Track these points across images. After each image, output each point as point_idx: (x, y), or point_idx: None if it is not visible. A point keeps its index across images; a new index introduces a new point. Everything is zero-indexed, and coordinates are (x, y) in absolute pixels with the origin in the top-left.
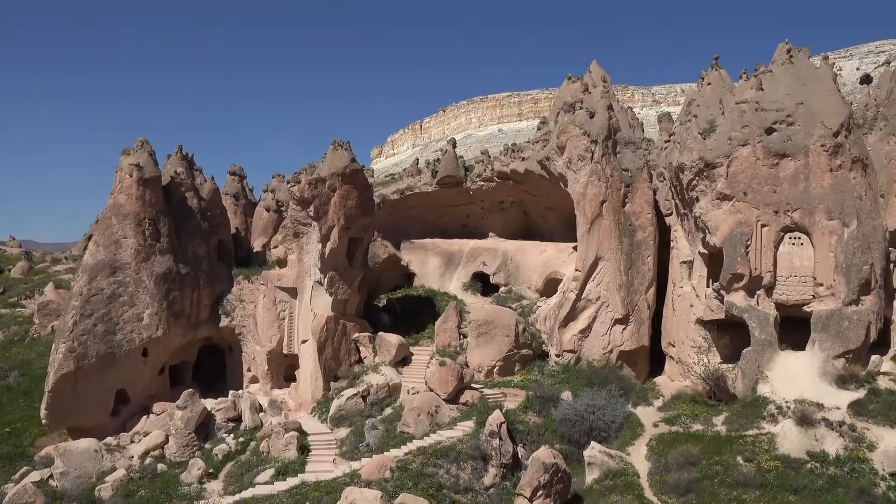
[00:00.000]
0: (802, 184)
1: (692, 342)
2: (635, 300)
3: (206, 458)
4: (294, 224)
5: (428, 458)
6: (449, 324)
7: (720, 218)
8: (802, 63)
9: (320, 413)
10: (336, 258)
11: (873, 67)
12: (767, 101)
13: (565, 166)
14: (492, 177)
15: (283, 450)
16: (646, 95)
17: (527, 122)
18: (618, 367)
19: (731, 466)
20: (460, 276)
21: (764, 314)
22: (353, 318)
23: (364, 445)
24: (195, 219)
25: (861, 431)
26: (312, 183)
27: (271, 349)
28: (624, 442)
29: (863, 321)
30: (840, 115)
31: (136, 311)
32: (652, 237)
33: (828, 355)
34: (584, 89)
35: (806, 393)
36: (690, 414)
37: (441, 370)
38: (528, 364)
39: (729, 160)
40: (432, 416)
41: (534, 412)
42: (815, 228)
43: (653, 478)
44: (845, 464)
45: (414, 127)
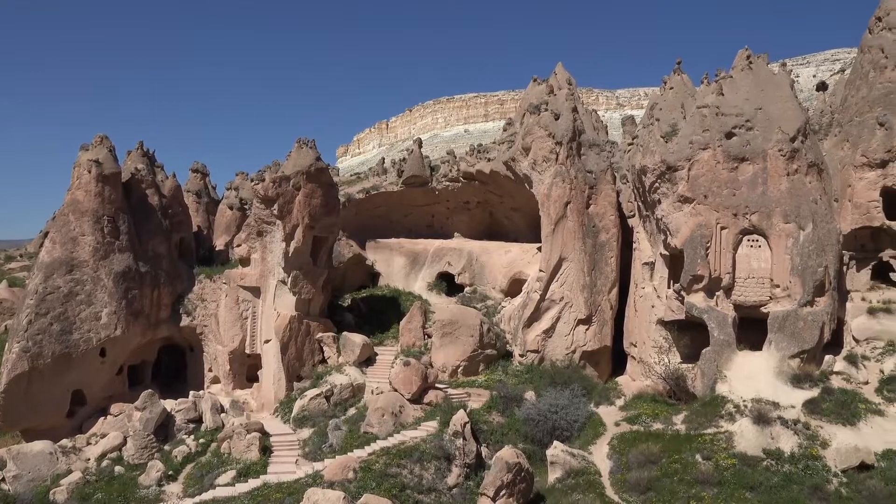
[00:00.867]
0: (760, 187)
1: (653, 342)
2: (598, 301)
3: (165, 459)
4: (258, 222)
5: (391, 458)
6: (413, 324)
7: (681, 220)
8: (761, 69)
9: (283, 414)
10: (300, 257)
11: (829, 75)
12: (727, 106)
13: (530, 167)
14: (457, 177)
15: (244, 451)
16: (610, 98)
17: (493, 123)
18: (581, 366)
19: (689, 465)
20: (425, 275)
21: (723, 315)
22: (316, 317)
23: (327, 446)
24: (156, 216)
25: (815, 429)
26: (277, 181)
27: (233, 349)
28: (586, 441)
29: (817, 322)
30: (797, 121)
31: (94, 310)
32: (615, 238)
33: (784, 355)
34: (549, 91)
35: (763, 392)
36: (651, 413)
37: (405, 370)
38: (493, 364)
39: (690, 163)
40: (396, 417)
41: (497, 412)
42: (773, 231)
43: (614, 476)
44: (800, 461)
45: (380, 126)
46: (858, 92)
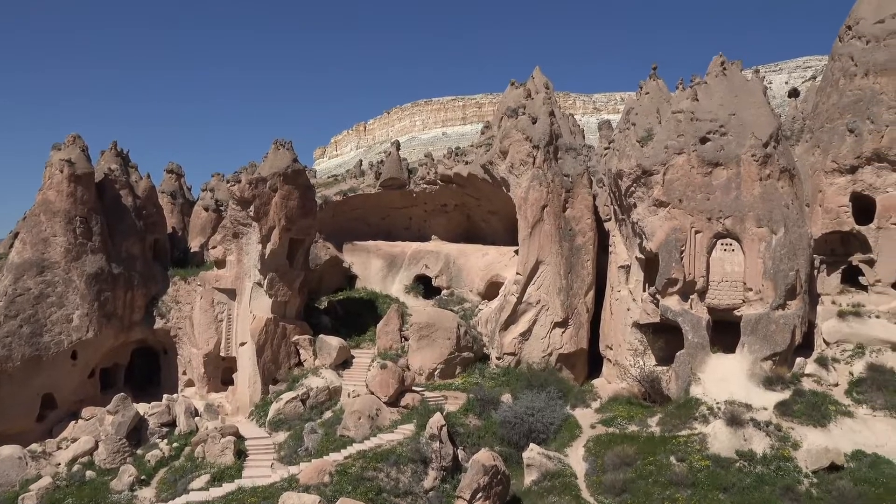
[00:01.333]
0: (734, 192)
1: (629, 345)
2: (574, 304)
3: (137, 464)
4: (233, 224)
5: (368, 461)
6: (391, 326)
7: (656, 224)
8: (735, 76)
9: (258, 417)
10: (276, 259)
11: (801, 82)
12: (702, 112)
13: (508, 171)
14: (435, 180)
15: (219, 455)
16: (587, 103)
17: (471, 126)
18: (557, 369)
19: (664, 466)
20: (403, 278)
21: (697, 318)
22: (293, 320)
23: (303, 450)
24: (129, 217)
25: (786, 431)
26: (253, 182)
27: (208, 352)
28: (562, 443)
29: (789, 325)
30: (769, 127)
31: (66, 312)
32: (591, 242)
33: (756, 357)
34: (526, 95)
35: (736, 394)
36: (626, 415)
37: (382, 373)
38: (470, 367)
39: (665, 168)
40: (373, 420)
41: (474, 415)
42: (746, 235)
43: (590, 478)
44: (771, 462)
45: (358, 128)
46: (829, 99)
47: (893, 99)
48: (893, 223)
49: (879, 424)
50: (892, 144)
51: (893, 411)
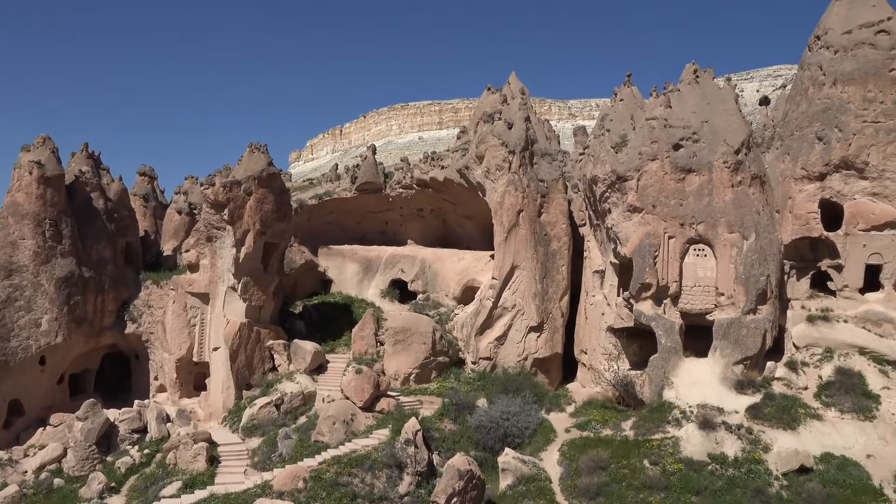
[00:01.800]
0: (706, 198)
1: (603, 349)
2: (550, 308)
3: (107, 471)
4: (207, 227)
5: (342, 467)
6: (366, 331)
7: (630, 229)
8: (707, 83)
9: (232, 423)
10: (251, 263)
11: (771, 90)
12: (675, 119)
13: (483, 175)
14: (411, 184)
15: (191, 461)
16: (562, 109)
17: (447, 131)
18: (532, 373)
19: (638, 470)
20: (378, 282)
21: (670, 322)
22: (267, 324)
23: (277, 455)
24: (100, 220)
25: (757, 434)
26: (227, 186)
27: (181, 357)
28: (537, 448)
29: (760, 329)
30: (741, 134)
31: (34, 317)
32: (566, 247)
33: (728, 361)
34: (503, 100)
35: (708, 398)
36: (601, 419)
37: (357, 378)
38: (445, 371)
39: (639, 174)
40: (348, 425)
41: (450, 419)
42: (718, 241)
43: (564, 482)
44: (743, 465)
45: (334, 132)
46: (798, 107)
47: (861, 108)
48: (861, 229)
49: (847, 427)
50: (860, 152)
51: (860, 414)
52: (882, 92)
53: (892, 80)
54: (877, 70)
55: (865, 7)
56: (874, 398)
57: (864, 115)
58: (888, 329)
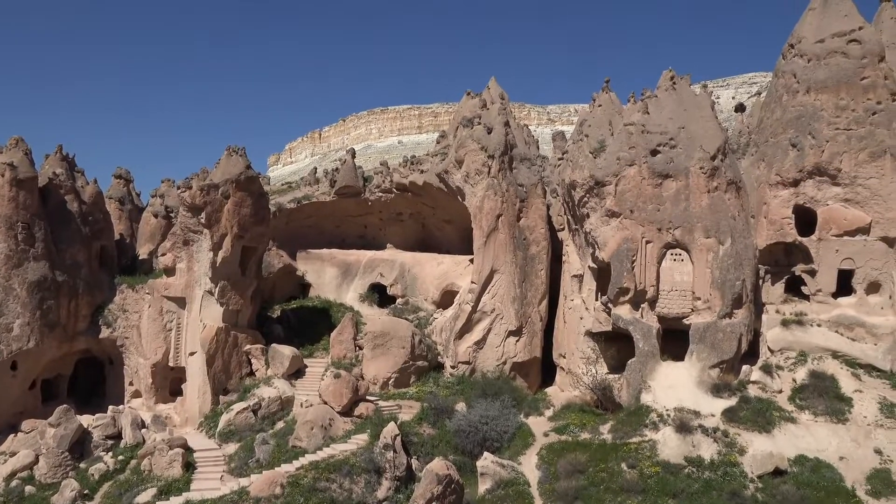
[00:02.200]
0: (683, 203)
1: (581, 353)
2: (528, 312)
3: (80, 478)
4: (184, 231)
5: (320, 472)
6: (345, 335)
7: (608, 234)
8: (684, 90)
9: (208, 428)
10: (228, 267)
11: (747, 97)
12: (652, 125)
13: (463, 180)
14: (391, 188)
15: (166, 467)
16: (541, 114)
17: (426, 135)
18: (511, 378)
19: (615, 473)
20: (357, 287)
21: (647, 326)
22: (244, 329)
23: (254, 461)
24: (75, 223)
25: (733, 437)
26: (205, 189)
27: (156, 361)
28: (516, 452)
29: (735, 333)
30: (717, 140)
31: (6, 321)
32: (545, 251)
33: (704, 365)
34: (482, 105)
35: (684, 401)
36: (579, 423)
37: (336, 382)
38: (424, 375)
39: (617, 179)
40: (326, 430)
41: (428, 424)
42: (694, 246)
43: (542, 486)
44: (719, 468)
45: (313, 135)
46: (773, 114)
47: (833, 115)
48: (833, 235)
49: (821, 430)
50: (832, 159)
51: (833, 417)
52: (854, 100)
53: (863, 89)
54: (849, 78)
55: (837, 16)
56: (847, 401)
57: (836, 122)
58: (860, 333)
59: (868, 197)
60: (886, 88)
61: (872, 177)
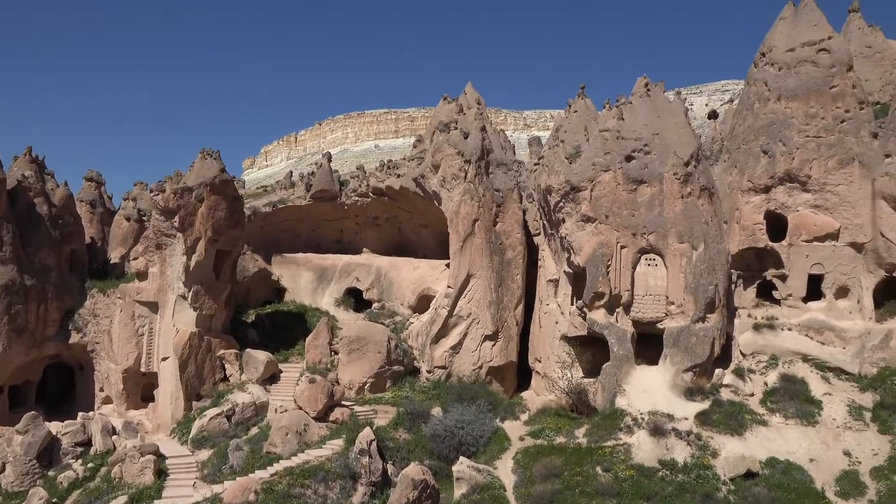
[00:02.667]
0: (657, 209)
1: (557, 357)
2: (504, 317)
3: (49, 486)
4: (157, 235)
5: (295, 478)
6: (320, 340)
7: (584, 239)
8: (658, 97)
9: (181, 435)
10: (202, 271)
11: (720, 104)
12: (627, 131)
13: (440, 184)
14: (367, 192)
15: (137, 475)
16: (518, 119)
17: (403, 140)
18: (487, 382)
19: (590, 477)
20: (333, 291)
21: (622, 331)
22: (218, 334)
23: (227, 467)
24: (44, 226)
25: (706, 440)
26: (178, 192)
27: (128, 367)
28: (491, 456)
29: (708, 337)
30: (691, 147)
31: None
32: (521, 256)
33: (678, 369)
34: (459, 110)
35: (658, 405)
36: (554, 427)
37: (311, 387)
38: (400, 380)
39: (592, 184)
40: (301, 435)
41: (404, 428)
42: (668, 251)
43: (518, 490)
44: (692, 471)
45: (289, 139)
46: (745, 121)
47: (803, 123)
48: (804, 240)
49: (791, 432)
50: (803, 166)
51: (804, 419)
52: (823, 108)
53: (832, 98)
54: (818, 87)
55: (807, 26)
56: (817, 404)
57: (806, 130)
58: (829, 337)
59: (837, 203)
60: (854, 97)
61: (841, 183)
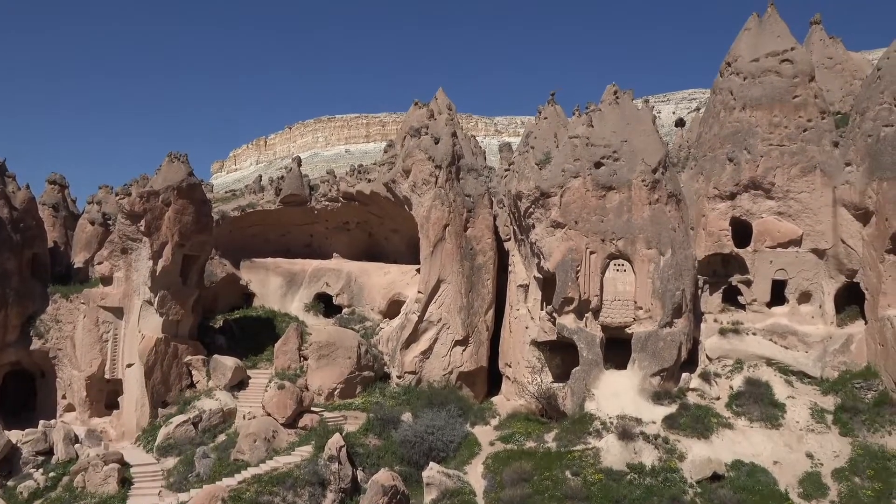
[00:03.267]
0: (626, 215)
1: (527, 362)
2: (475, 322)
3: (8, 496)
4: (122, 239)
5: (263, 485)
6: (289, 346)
7: (553, 244)
8: (627, 104)
9: (146, 442)
10: (169, 276)
11: (687, 112)
12: (596, 138)
13: (410, 189)
14: (337, 197)
15: (101, 484)
16: (489, 125)
17: (374, 144)
18: (457, 387)
19: (560, 481)
20: (303, 296)
21: (591, 335)
22: (185, 339)
23: (194, 475)
24: (5, 230)
25: (673, 443)
26: (145, 196)
27: (91, 374)
28: (462, 461)
29: (675, 342)
30: (658, 154)
31: None
32: (491, 261)
33: (646, 373)
34: (430, 115)
35: (627, 409)
36: (524, 432)
37: (279, 394)
38: (370, 386)
39: (562, 190)
40: (269, 442)
41: (374, 434)
42: (636, 256)
43: (488, 495)
44: (659, 474)
45: (258, 143)
46: (711, 129)
47: (767, 132)
48: (768, 246)
49: (756, 435)
50: (767, 174)
51: (768, 422)
52: (786, 117)
53: (794, 107)
54: (781, 97)
55: (771, 37)
56: (780, 407)
57: (770, 138)
58: (792, 341)
59: (800, 210)
60: (816, 107)
61: (803, 191)
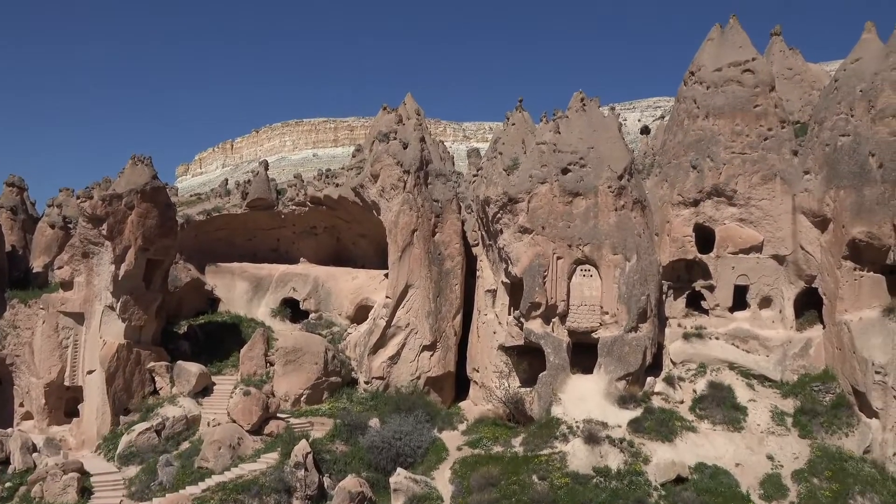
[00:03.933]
0: (592, 221)
1: (494, 367)
2: (443, 327)
3: None
4: (83, 243)
5: (228, 493)
6: (255, 351)
7: (521, 250)
8: (593, 111)
9: (107, 451)
10: (131, 281)
11: (652, 120)
12: (563, 144)
13: (378, 194)
14: (305, 201)
15: (59, 494)
16: (457, 130)
17: (342, 149)
18: (425, 392)
19: (527, 485)
20: (269, 301)
21: (558, 340)
22: (148, 345)
23: (157, 484)
24: None
25: (638, 447)
26: (107, 199)
27: (50, 381)
28: (429, 467)
29: (641, 346)
30: (624, 161)
31: None
32: (460, 266)
33: (612, 378)
34: (398, 120)
35: (593, 413)
36: (492, 436)
37: (245, 400)
38: (337, 392)
39: (529, 196)
40: (234, 449)
41: (341, 440)
42: (602, 262)
43: (456, 500)
44: (625, 477)
45: (224, 146)
46: (675, 137)
47: (730, 140)
48: (730, 252)
49: (719, 438)
50: (729, 181)
51: (730, 425)
52: (748, 126)
53: (756, 116)
54: (743, 106)
55: (733, 47)
56: (742, 410)
57: (732, 146)
58: (754, 345)
59: (761, 217)
60: (776, 116)
61: (764, 198)
